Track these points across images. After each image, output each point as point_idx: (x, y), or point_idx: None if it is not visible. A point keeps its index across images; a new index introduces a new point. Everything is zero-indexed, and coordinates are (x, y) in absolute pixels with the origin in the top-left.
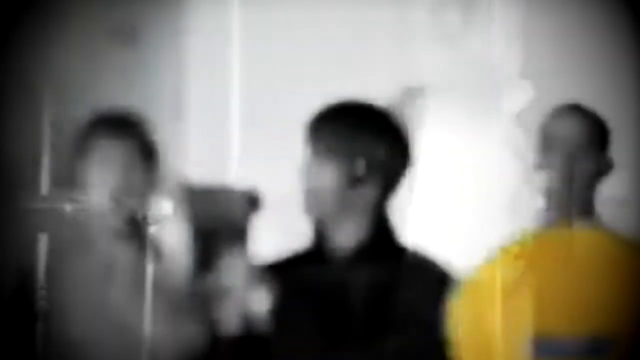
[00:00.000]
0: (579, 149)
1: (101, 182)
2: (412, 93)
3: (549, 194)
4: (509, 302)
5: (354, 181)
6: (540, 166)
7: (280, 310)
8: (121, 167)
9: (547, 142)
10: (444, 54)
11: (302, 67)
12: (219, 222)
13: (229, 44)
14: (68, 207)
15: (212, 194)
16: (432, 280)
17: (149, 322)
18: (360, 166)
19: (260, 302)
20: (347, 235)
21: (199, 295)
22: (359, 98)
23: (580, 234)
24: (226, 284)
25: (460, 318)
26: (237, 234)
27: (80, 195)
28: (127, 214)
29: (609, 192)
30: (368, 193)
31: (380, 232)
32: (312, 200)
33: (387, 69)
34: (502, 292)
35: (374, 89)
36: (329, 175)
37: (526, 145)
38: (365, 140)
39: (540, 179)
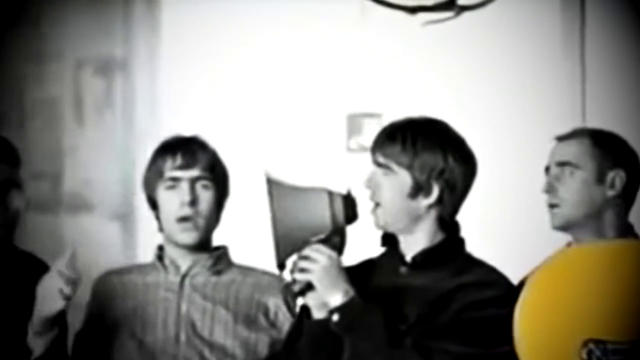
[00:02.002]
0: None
1: (171, 205)
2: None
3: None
4: (561, 310)
5: (417, 192)
6: (551, 188)
7: (348, 309)
8: (191, 189)
9: (562, 163)
10: None
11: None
12: (307, 220)
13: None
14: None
15: (299, 193)
16: (497, 290)
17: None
18: (423, 178)
19: (335, 299)
20: (413, 244)
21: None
22: (419, 114)
23: (622, 246)
24: (308, 279)
25: (518, 327)
26: (327, 234)
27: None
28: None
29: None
30: (432, 203)
31: (446, 242)
32: (379, 212)
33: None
34: (554, 300)
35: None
36: (393, 188)
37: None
38: (428, 152)
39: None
